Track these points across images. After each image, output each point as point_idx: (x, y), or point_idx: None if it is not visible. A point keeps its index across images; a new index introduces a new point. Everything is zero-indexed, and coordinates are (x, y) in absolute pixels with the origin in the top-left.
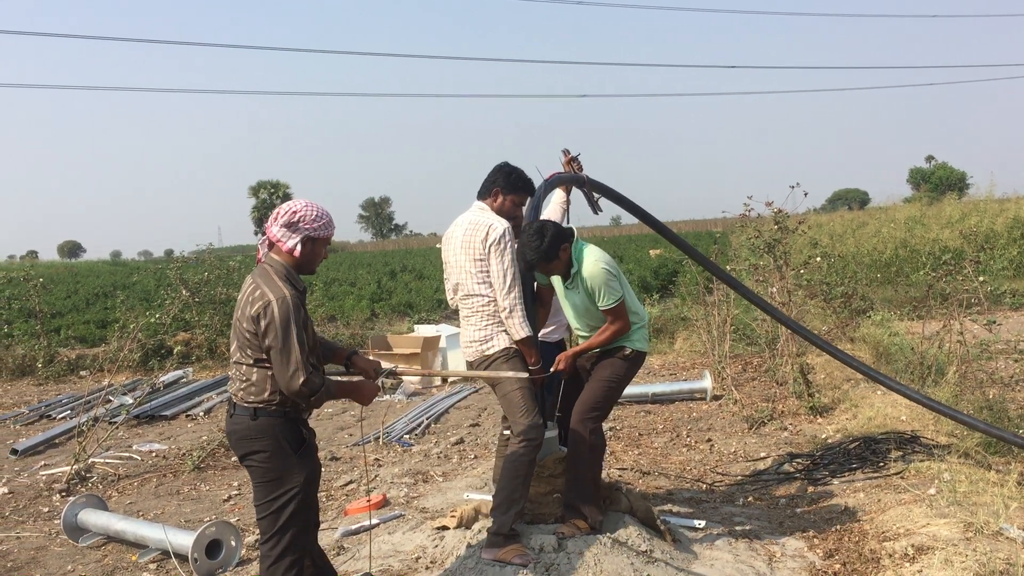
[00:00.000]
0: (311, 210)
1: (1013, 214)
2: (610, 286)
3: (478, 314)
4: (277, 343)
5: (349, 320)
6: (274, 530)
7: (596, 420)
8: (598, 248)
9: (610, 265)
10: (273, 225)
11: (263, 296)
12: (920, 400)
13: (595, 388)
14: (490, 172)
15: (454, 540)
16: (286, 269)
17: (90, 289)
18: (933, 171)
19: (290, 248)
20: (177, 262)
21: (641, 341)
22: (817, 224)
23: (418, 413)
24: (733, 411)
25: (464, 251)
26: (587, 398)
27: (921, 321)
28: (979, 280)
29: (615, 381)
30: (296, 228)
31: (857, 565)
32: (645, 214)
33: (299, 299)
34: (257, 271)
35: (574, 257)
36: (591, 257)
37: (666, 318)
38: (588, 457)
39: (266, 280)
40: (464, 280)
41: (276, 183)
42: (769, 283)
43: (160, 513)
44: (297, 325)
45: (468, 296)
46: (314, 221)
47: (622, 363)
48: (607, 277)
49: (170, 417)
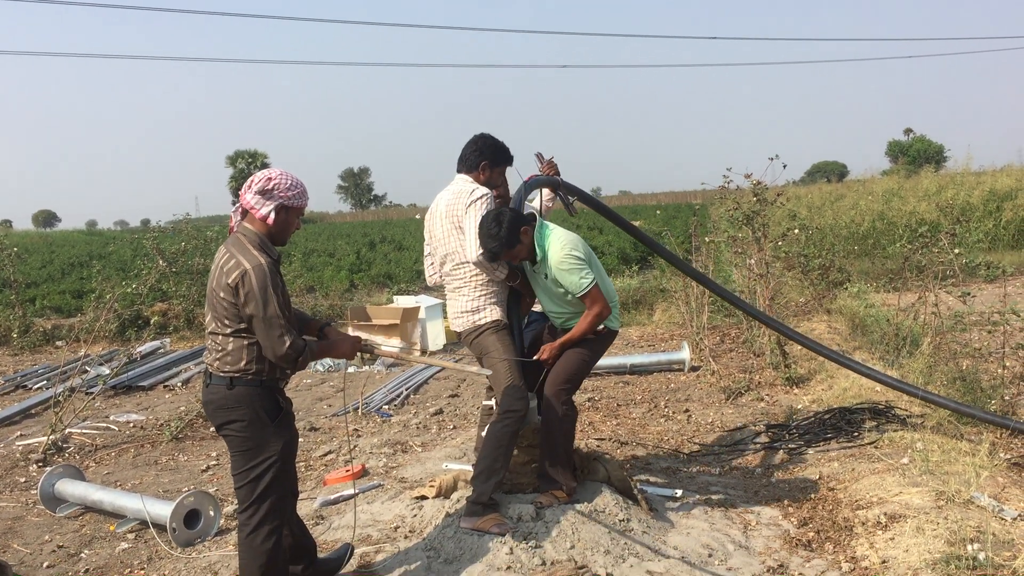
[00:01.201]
0: (286, 178)
1: (989, 187)
2: (580, 272)
3: (469, 284)
4: (259, 311)
5: (328, 291)
6: (252, 499)
7: (568, 392)
8: (564, 231)
9: (577, 249)
10: (247, 192)
11: (239, 265)
12: (884, 380)
13: (569, 362)
14: (471, 146)
15: (433, 510)
16: (259, 238)
17: (65, 259)
18: (911, 144)
19: (264, 215)
20: (154, 232)
21: (613, 320)
22: (796, 196)
23: (397, 384)
24: (711, 382)
25: (450, 219)
26: (560, 371)
27: (897, 293)
28: (954, 252)
29: (587, 356)
30: (270, 195)
31: (831, 533)
32: (616, 216)
33: (274, 266)
34: (230, 240)
35: (537, 243)
36: (556, 244)
37: (645, 290)
38: (561, 428)
39: (240, 249)
40: (453, 249)
41: (254, 152)
42: (747, 255)
43: (138, 483)
44: (276, 290)
45: (459, 265)
46: (288, 189)
47: (595, 339)
48: (573, 263)
49: (148, 388)
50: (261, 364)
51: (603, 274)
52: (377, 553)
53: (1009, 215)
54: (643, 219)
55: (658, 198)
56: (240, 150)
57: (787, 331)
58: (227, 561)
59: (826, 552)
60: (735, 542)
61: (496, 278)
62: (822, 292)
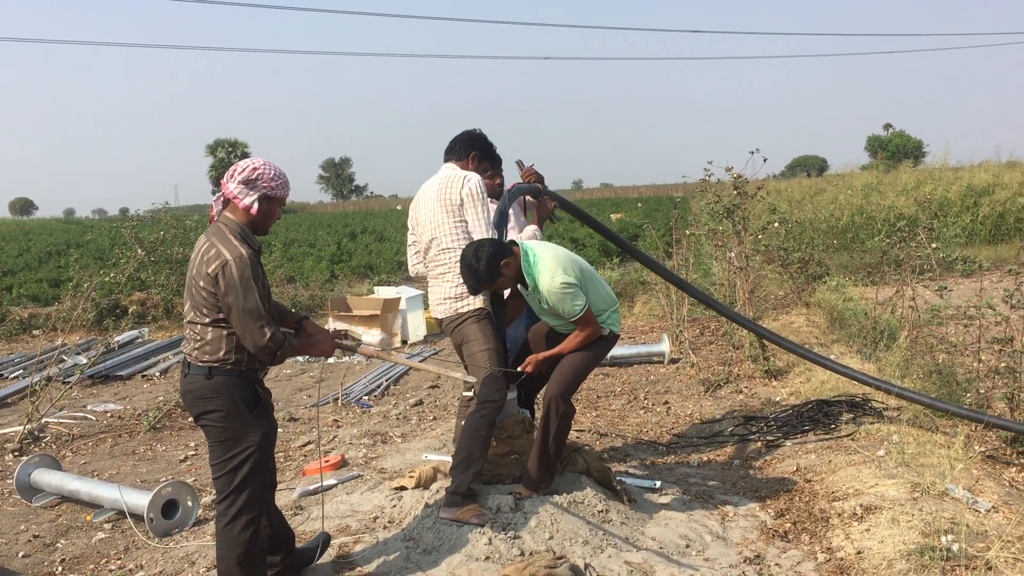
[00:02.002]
0: (269, 169)
1: (966, 182)
2: (572, 298)
3: (454, 270)
4: (239, 302)
5: (308, 281)
6: (230, 489)
7: (569, 393)
8: (552, 255)
9: (568, 274)
10: (230, 181)
11: (219, 255)
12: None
13: (573, 364)
14: (462, 137)
15: (412, 500)
16: (241, 228)
17: (42, 247)
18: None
19: (247, 205)
20: (133, 220)
21: (615, 324)
22: (776, 190)
23: (377, 375)
24: (690, 374)
25: (440, 204)
26: (566, 371)
27: (875, 287)
28: (932, 247)
29: (591, 359)
30: (254, 185)
31: (807, 524)
32: (596, 223)
33: (255, 257)
34: (211, 230)
35: (526, 271)
36: (546, 273)
37: (626, 282)
38: (558, 426)
39: (221, 239)
40: (440, 234)
41: (234, 142)
42: (728, 248)
43: (115, 473)
44: (256, 281)
45: (445, 251)
46: (272, 180)
47: (599, 341)
48: (565, 292)
49: (125, 377)
50: (240, 354)
51: (597, 284)
52: (356, 544)
53: (986, 210)
54: (624, 212)
55: (639, 191)
56: (220, 139)
57: (763, 332)
58: (205, 551)
59: (802, 543)
60: (712, 533)
61: None
62: (801, 285)
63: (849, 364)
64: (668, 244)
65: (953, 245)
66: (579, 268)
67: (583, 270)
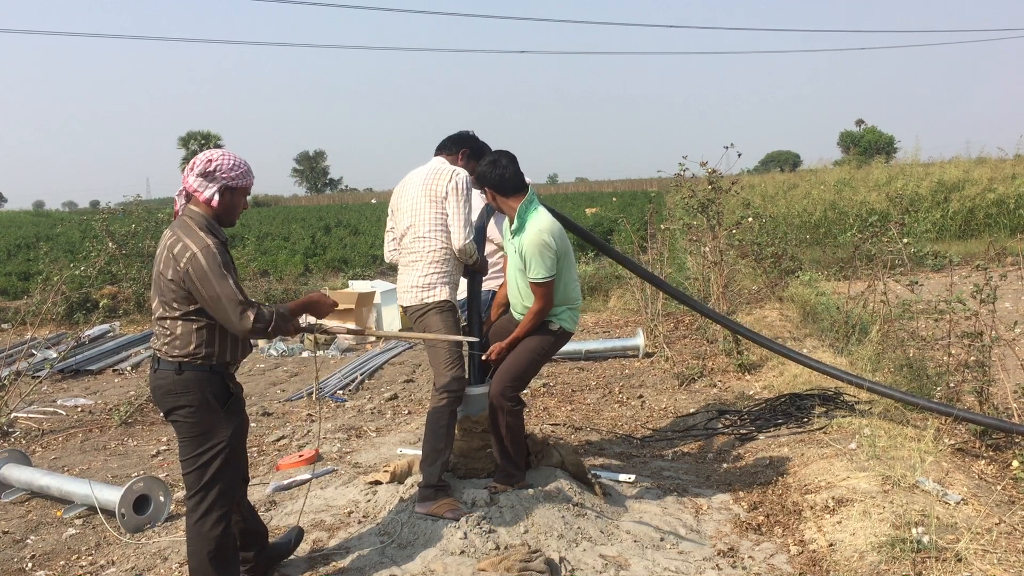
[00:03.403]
0: (228, 159)
1: (937, 178)
2: (543, 257)
3: (425, 260)
4: (214, 291)
5: (282, 275)
6: (200, 485)
7: (516, 389)
8: (551, 217)
9: (553, 236)
10: (189, 175)
11: (186, 249)
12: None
13: (519, 358)
14: (455, 135)
15: (387, 495)
16: (206, 220)
17: (11, 240)
18: (863, 135)
19: (207, 198)
20: (103, 213)
21: (570, 322)
22: (750, 185)
23: (352, 369)
24: (664, 368)
25: (424, 193)
26: (510, 367)
27: (847, 281)
28: (903, 242)
29: (539, 353)
30: (212, 177)
31: (780, 517)
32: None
33: (222, 247)
34: (177, 223)
35: (520, 213)
36: (535, 223)
37: (601, 276)
38: (508, 422)
39: (187, 231)
40: (418, 222)
41: (207, 134)
42: (702, 243)
43: (86, 468)
44: (227, 269)
45: (419, 239)
46: (231, 170)
47: (548, 337)
48: (542, 249)
49: (96, 372)
50: (211, 348)
51: (571, 273)
52: (331, 538)
53: (956, 206)
54: (600, 206)
55: (614, 185)
56: (192, 131)
57: (738, 328)
58: (177, 547)
59: (775, 535)
60: (687, 526)
61: (466, 260)
62: (774, 280)
63: (821, 358)
64: (643, 239)
65: (924, 240)
66: (565, 246)
67: (567, 254)
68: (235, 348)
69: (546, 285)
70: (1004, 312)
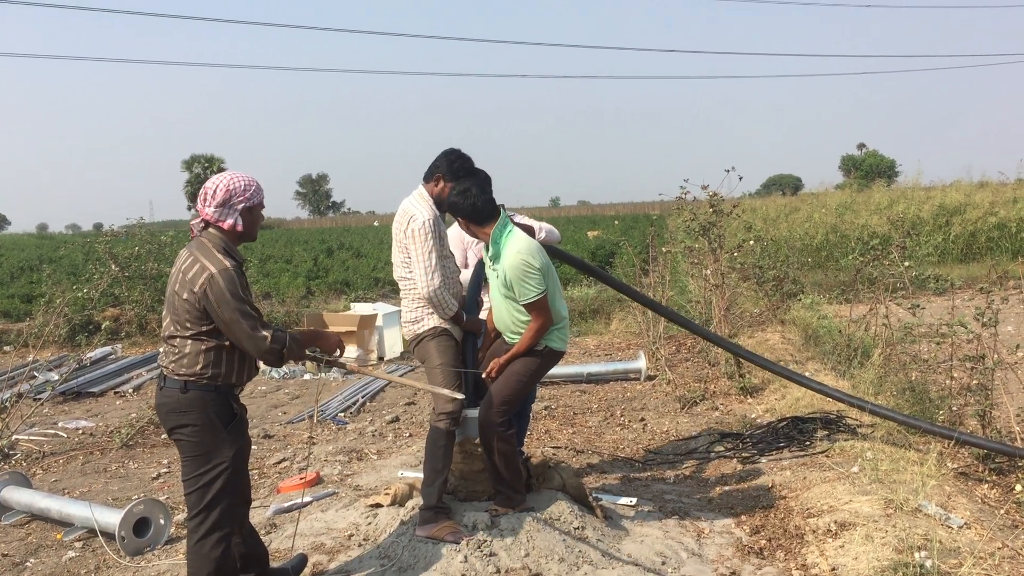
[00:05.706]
0: (238, 182)
1: (939, 201)
2: (528, 279)
3: (409, 296)
4: (233, 313)
5: (285, 297)
6: (202, 506)
7: (505, 413)
8: (528, 241)
9: (533, 256)
10: (206, 207)
11: (204, 269)
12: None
13: (508, 382)
14: (433, 162)
15: (387, 517)
16: (224, 242)
17: (15, 262)
18: (864, 159)
19: (231, 225)
20: (107, 236)
21: (559, 341)
22: (751, 208)
23: (353, 391)
24: (666, 391)
25: (395, 236)
26: (498, 391)
27: (849, 304)
28: (905, 265)
29: (527, 376)
30: (231, 205)
31: (782, 541)
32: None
33: (238, 268)
34: (194, 244)
35: (494, 239)
36: (513, 247)
37: (602, 299)
38: (499, 447)
39: (204, 253)
40: (396, 261)
41: (211, 157)
42: (704, 265)
43: (87, 491)
44: (244, 291)
45: (401, 277)
46: (245, 191)
47: (536, 359)
48: (526, 270)
49: (98, 394)
50: (217, 368)
51: (556, 291)
52: (331, 561)
53: (958, 229)
54: (602, 229)
55: (616, 208)
56: (196, 154)
57: (740, 351)
58: (177, 570)
59: (777, 560)
60: (688, 550)
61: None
62: (776, 303)
63: (823, 381)
64: (645, 261)
65: (925, 264)
66: (546, 262)
67: (549, 269)
68: (241, 370)
69: (540, 302)
70: (1006, 335)
